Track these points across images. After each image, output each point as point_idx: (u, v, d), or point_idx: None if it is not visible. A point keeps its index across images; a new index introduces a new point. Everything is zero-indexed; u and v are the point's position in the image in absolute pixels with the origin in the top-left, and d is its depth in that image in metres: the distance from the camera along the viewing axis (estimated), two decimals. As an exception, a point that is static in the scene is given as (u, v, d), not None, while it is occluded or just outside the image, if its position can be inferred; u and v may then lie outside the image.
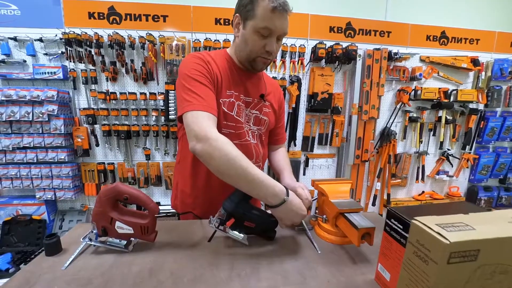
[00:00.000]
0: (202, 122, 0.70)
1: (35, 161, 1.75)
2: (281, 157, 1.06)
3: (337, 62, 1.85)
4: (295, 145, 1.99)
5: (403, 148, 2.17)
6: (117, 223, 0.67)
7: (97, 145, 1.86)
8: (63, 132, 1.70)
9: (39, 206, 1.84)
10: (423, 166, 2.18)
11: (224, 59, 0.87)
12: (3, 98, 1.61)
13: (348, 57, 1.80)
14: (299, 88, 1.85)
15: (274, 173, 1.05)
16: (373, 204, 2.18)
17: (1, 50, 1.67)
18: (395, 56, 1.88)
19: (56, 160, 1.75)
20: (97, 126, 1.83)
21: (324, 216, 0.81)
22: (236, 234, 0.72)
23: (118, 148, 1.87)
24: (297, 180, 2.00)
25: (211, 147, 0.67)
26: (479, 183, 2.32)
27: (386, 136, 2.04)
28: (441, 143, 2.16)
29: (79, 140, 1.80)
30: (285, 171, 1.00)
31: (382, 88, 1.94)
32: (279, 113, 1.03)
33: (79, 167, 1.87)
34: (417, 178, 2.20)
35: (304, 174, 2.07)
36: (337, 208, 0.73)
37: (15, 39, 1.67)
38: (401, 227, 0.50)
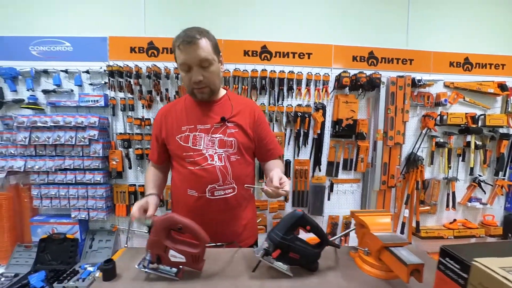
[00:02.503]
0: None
1: (74, 182, 1.86)
2: (270, 162, 1.09)
3: (360, 89, 1.90)
4: (319, 170, 2.00)
5: (430, 173, 2.12)
6: (171, 252, 0.72)
7: (130, 167, 1.96)
8: (101, 155, 1.82)
9: (73, 225, 1.93)
10: (453, 193, 2.10)
11: (183, 101, 1.07)
12: (51, 124, 1.78)
13: (372, 84, 1.84)
14: (323, 114, 1.90)
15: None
16: (402, 232, 2.09)
17: (54, 81, 1.87)
18: (419, 83, 1.91)
19: (92, 182, 1.86)
20: (130, 150, 1.95)
21: (366, 249, 0.81)
22: (280, 265, 0.74)
23: (149, 170, 1.97)
24: (322, 207, 2.01)
25: None
26: (516, 212, 2.19)
27: (413, 161, 2.01)
28: (471, 169, 2.09)
29: (114, 162, 1.91)
30: (274, 168, 0.96)
31: (407, 114, 1.95)
32: (256, 129, 1.05)
33: (111, 188, 1.97)
34: (447, 205, 2.12)
35: (328, 199, 2.05)
36: (381, 241, 0.73)
37: (66, 71, 1.87)
38: (458, 267, 0.50)
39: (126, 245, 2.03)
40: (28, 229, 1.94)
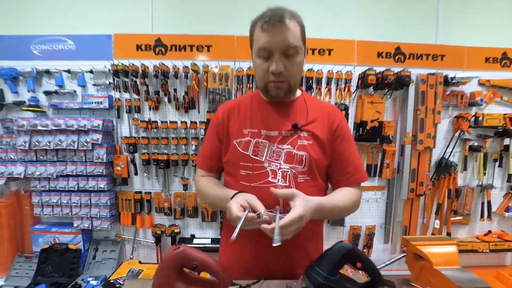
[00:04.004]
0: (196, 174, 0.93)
1: (76, 189, 1.74)
2: (340, 190, 0.81)
3: (386, 88, 1.72)
4: (340, 176, 1.82)
5: (463, 180, 1.92)
6: (184, 295, 0.56)
7: (136, 173, 1.83)
8: (105, 161, 1.69)
9: (75, 235, 1.81)
10: (488, 202, 1.89)
11: (250, 98, 0.87)
12: (53, 127, 1.66)
13: (400, 83, 1.66)
14: (346, 116, 1.73)
15: None
16: (431, 245, 1.90)
17: (56, 81, 1.75)
18: (452, 81, 1.72)
19: (96, 189, 1.74)
20: (136, 155, 1.82)
21: (427, 288, 0.65)
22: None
23: (156, 177, 1.83)
24: (343, 218, 1.83)
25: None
26: (559, 223, 1.97)
27: (444, 167, 1.82)
28: (510, 175, 1.89)
29: (118, 168, 1.78)
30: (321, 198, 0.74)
31: (439, 115, 1.76)
32: (334, 142, 0.81)
33: (116, 196, 1.84)
34: (481, 216, 1.91)
35: (349, 208, 1.87)
36: (455, 285, 0.57)
37: (68, 71, 1.75)
38: None
39: (131, 256, 1.91)
40: (29, 238, 1.83)
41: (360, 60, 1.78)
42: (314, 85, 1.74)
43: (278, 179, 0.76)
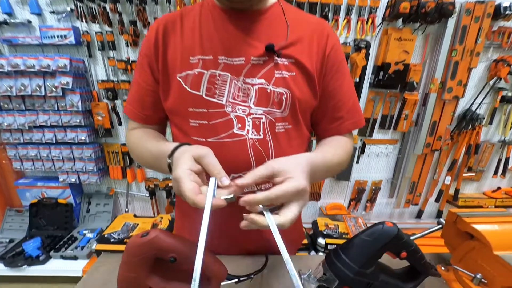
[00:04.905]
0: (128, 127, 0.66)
1: (54, 141, 1.55)
2: (328, 141, 0.61)
3: (420, 21, 1.38)
4: (351, 129, 1.63)
5: (484, 135, 1.74)
6: (161, 295, 0.41)
7: (120, 124, 1.61)
8: (80, 109, 1.45)
9: (63, 189, 1.70)
10: (506, 159, 1.76)
11: (198, 7, 0.57)
12: (10, 69, 1.36)
13: (441, 13, 1.31)
14: (366, 57, 1.43)
15: None
16: (437, 200, 1.84)
17: (1, 7, 1.37)
18: (505, 12, 1.37)
19: (76, 141, 1.54)
20: (118, 102, 1.57)
21: (478, 275, 0.51)
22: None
23: (144, 128, 1.62)
24: (350, 171, 1.70)
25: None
26: None
27: (469, 120, 1.61)
28: (537, 130, 1.70)
29: (99, 118, 1.56)
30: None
31: (477, 57, 1.46)
32: (328, 76, 0.57)
33: (102, 149, 1.66)
34: (495, 172, 1.80)
35: (357, 162, 1.74)
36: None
37: (15, -8, 1.36)
38: None
39: (126, 209, 1.85)
40: (15, 193, 1.72)
41: (392, -18, 1.38)
42: (330, 15, 1.38)
43: (248, 130, 0.53)
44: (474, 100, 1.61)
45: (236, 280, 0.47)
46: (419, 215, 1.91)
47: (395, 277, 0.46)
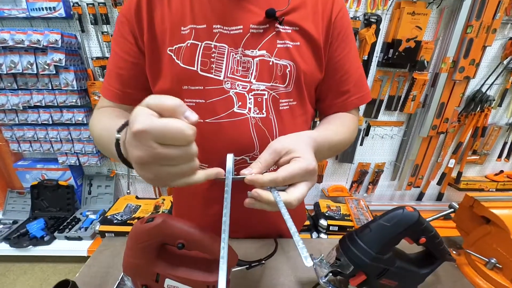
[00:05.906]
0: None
1: (51, 122, 1.50)
2: (333, 118, 0.56)
3: (436, -7, 1.28)
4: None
5: (492, 118, 1.70)
6: (168, 281, 0.40)
7: (118, 104, 1.56)
8: (76, 88, 1.39)
9: (64, 171, 1.68)
10: (512, 141, 1.73)
11: None
12: (-3, 44, 1.28)
13: (459, -16, 1.22)
14: (376, 33, 1.35)
15: None
16: (438, 183, 1.84)
17: (-18, -25, 1.26)
18: (528, -16, 1.27)
19: (73, 122, 1.50)
20: (115, 82, 1.50)
21: (493, 260, 0.50)
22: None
23: (143, 109, 1.57)
24: (353, 153, 1.68)
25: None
26: None
27: (478, 102, 1.57)
28: (547, 112, 1.66)
29: (96, 98, 1.50)
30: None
31: (493, 35, 1.38)
32: (334, 46, 0.51)
33: (100, 130, 1.62)
34: (499, 156, 1.78)
35: (361, 144, 1.71)
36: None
37: (-4, -42, 1.24)
38: None
39: (128, 191, 1.84)
40: (15, 174, 1.70)
41: None
42: (340, -13, 1.28)
43: (249, 109, 0.47)
44: (485, 81, 1.55)
45: (248, 266, 0.45)
46: (419, 197, 1.92)
47: (411, 263, 0.44)
